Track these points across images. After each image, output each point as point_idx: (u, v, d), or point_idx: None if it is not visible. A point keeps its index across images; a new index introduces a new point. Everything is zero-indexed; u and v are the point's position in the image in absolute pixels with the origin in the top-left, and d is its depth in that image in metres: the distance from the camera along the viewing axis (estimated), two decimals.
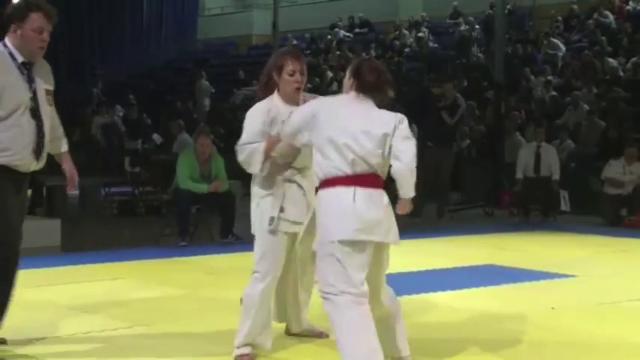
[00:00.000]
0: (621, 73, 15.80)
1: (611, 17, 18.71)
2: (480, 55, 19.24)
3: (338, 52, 22.53)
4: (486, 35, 19.37)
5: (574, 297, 6.09)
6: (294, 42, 24.67)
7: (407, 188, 3.83)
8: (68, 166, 4.52)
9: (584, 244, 9.21)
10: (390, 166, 3.85)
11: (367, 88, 3.90)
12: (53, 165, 4.63)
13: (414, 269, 7.19)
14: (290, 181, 4.33)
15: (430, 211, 11.13)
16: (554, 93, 15.72)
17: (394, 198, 3.88)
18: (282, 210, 4.28)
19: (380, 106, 3.93)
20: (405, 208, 3.88)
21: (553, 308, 5.63)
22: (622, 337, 4.87)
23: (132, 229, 10.43)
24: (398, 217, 3.83)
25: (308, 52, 24.25)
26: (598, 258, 8.17)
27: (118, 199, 12.47)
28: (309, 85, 20.92)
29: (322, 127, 3.84)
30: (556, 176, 11.38)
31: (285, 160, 4.30)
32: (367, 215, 3.75)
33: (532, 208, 11.65)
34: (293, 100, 4.40)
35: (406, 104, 16.04)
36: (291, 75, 4.38)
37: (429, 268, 7.30)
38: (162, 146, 15.72)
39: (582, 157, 13.13)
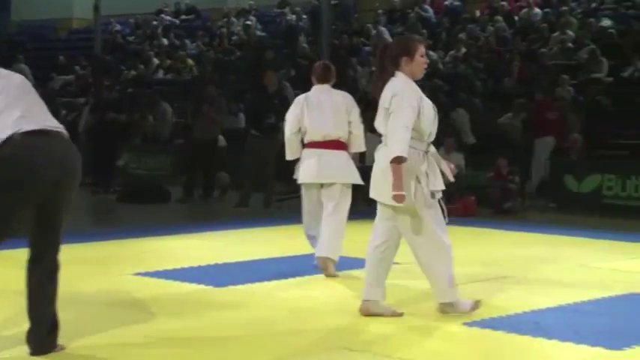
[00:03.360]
0: (441, 66, 16.40)
1: (431, 11, 19.42)
2: (305, 45, 19.43)
3: (165, 40, 22.08)
4: (313, 25, 19.57)
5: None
6: (118, 27, 23.92)
7: None
8: None
9: None
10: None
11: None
12: None
13: (241, 259, 7.14)
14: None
15: (257, 200, 11.12)
16: None
17: None
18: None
19: None
20: None
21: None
22: None
23: None
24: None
25: (133, 37, 23.61)
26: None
27: None
28: (133, 72, 20.47)
29: None
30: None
31: None
32: None
33: (358, 197, 11.83)
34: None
35: (233, 93, 16.04)
36: (422, 57, 4.93)
37: (254, 258, 7.27)
38: None
39: None
